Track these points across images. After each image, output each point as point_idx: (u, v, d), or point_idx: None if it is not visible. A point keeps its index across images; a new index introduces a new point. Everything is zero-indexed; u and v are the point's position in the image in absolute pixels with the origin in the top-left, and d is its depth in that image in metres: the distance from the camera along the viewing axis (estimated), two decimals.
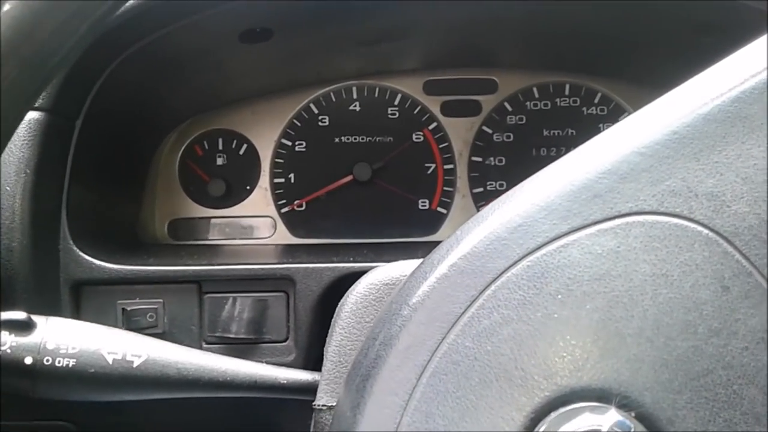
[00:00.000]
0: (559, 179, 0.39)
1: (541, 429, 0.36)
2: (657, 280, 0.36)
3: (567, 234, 0.38)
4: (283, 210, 1.01)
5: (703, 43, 0.84)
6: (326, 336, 0.54)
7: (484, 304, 0.38)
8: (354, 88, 1.03)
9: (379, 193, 1.01)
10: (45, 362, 0.49)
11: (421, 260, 0.44)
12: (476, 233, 0.40)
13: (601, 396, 0.36)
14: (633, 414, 0.35)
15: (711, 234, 0.36)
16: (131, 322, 0.76)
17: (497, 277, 0.38)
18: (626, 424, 0.35)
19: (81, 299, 0.77)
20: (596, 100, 1.02)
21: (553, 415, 0.36)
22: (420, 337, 0.39)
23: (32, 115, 0.72)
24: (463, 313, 0.38)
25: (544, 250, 0.38)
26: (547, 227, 0.38)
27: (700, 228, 0.37)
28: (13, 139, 0.65)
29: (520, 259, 0.38)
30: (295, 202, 1.01)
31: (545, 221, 0.38)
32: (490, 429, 0.36)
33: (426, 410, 0.37)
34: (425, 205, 1.02)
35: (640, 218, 0.37)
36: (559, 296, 0.37)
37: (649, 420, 0.35)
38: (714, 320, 0.35)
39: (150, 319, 0.76)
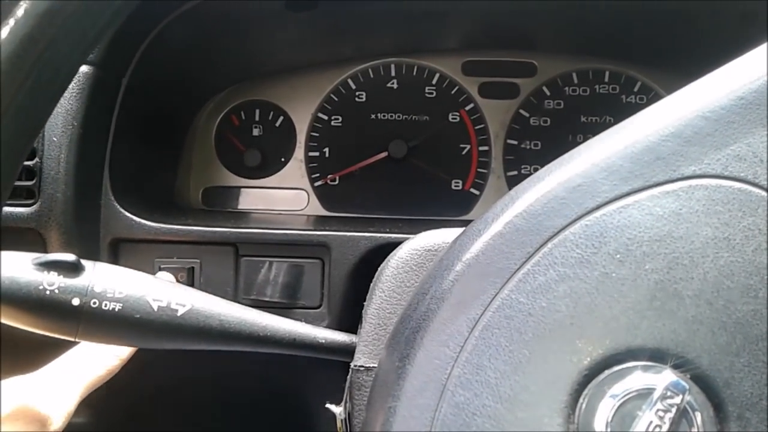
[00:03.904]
0: (620, 141, 0.39)
1: (594, 386, 0.36)
2: (719, 243, 0.36)
3: (628, 195, 0.38)
4: (317, 183, 1.02)
5: (748, 33, 0.83)
6: (360, 304, 0.54)
7: (539, 261, 0.38)
8: (392, 66, 1.03)
9: (413, 171, 1.01)
10: (92, 305, 0.49)
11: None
12: (533, 192, 0.40)
13: (657, 356, 0.36)
14: (688, 375, 0.35)
15: None
16: None
17: (554, 235, 0.38)
18: (682, 385, 0.34)
19: (119, 255, 0.77)
20: (636, 89, 1.01)
21: (606, 372, 0.36)
22: (473, 291, 0.39)
23: (82, 69, 0.72)
24: (518, 269, 0.38)
25: (603, 210, 0.38)
26: (608, 188, 0.38)
27: (764, 193, 0.36)
28: None
29: (579, 218, 0.38)
30: (329, 176, 1.02)
31: (605, 182, 0.38)
32: (542, 384, 0.36)
33: (477, 363, 0.37)
34: (458, 186, 1.02)
35: (704, 182, 0.37)
36: (618, 256, 0.37)
37: (704, 382, 0.35)
38: None
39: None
